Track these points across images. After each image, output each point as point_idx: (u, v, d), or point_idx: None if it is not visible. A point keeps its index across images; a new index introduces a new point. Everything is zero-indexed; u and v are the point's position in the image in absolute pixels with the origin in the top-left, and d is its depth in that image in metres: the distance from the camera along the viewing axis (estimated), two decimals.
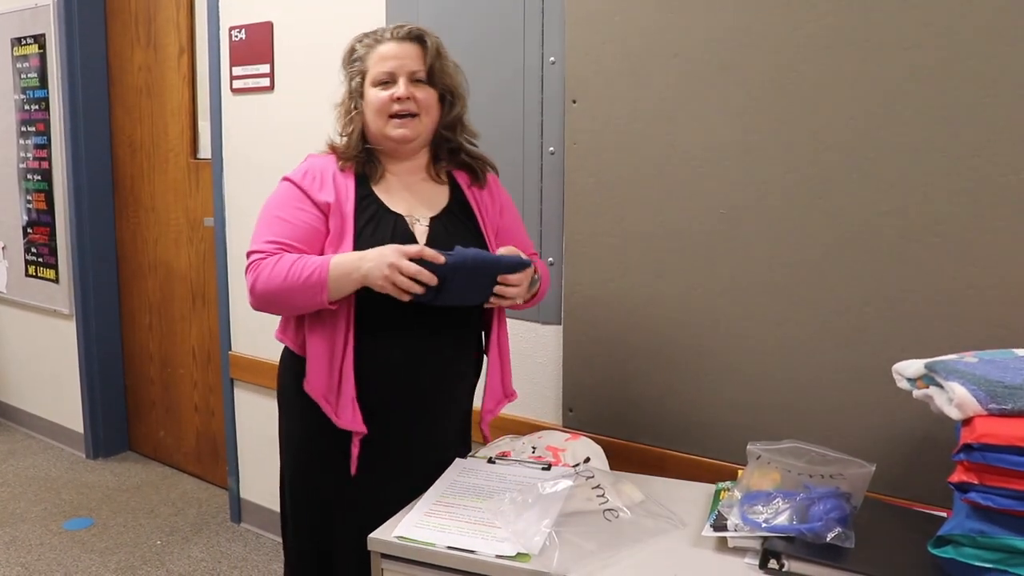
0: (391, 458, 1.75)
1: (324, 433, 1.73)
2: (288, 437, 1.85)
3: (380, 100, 1.72)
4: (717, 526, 1.43)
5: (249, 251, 1.69)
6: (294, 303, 1.65)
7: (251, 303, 1.69)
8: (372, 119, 1.74)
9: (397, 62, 1.72)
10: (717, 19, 1.89)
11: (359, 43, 1.78)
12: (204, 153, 3.49)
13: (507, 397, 1.91)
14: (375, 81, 1.73)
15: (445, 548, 1.42)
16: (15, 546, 3.13)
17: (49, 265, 4.02)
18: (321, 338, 1.69)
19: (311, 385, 1.70)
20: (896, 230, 1.73)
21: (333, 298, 1.62)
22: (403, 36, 1.74)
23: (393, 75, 1.72)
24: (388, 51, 1.73)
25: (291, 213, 1.70)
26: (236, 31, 3.00)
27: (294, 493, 1.84)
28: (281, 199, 1.73)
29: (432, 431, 1.80)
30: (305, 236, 1.68)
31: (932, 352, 1.50)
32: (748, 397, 1.94)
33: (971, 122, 1.63)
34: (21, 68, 4.01)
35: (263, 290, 1.64)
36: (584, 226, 2.14)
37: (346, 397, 1.69)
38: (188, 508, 3.50)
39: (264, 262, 1.64)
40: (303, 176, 1.74)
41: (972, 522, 1.24)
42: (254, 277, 1.65)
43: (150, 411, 3.98)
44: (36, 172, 4.02)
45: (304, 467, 1.81)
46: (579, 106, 2.12)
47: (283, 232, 1.68)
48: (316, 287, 1.60)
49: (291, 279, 1.61)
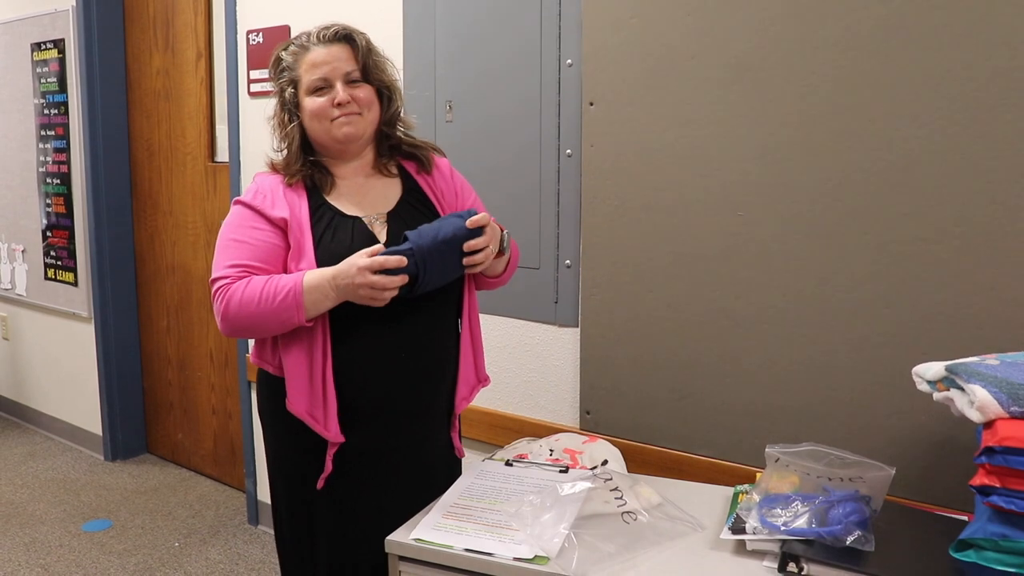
0: (377, 462, 1.73)
1: (309, 450, 1.70)
2: (273, 458, 1.82)
3: (319, 106, 1.68)
4: (736, 529, 1.42)
5: (212, 278, 1.66)
6: (269, 326, 1.62)
7: (222, 330, 1.66)
8: (313, 125, 1.71)
9: (329, 66, 1.68)
10: (734, 21, 1.89)
11: (284, 51, 1.74)
12: (222, 156, 3.51)
13: (480, 383, 1.87)
14: (310, 89, 1.69)
15: (463, 550, 1.41)
16: (35, 548, 3.16)
17: (68, 268, 4.05)
18: (298, 355, 1.66)
19: (294, 404, 1.67)
20: (916, 232, 1.71)
21: (310, 316, 1.60)
22: (331, 38, 1.70)
23: (328, 80, 1.68)
24: (318, 56, 1.69)
25: (248, 234, 1.67)
26: (253, 35, 3.01)
27: (285, 510, 1.81)
28: (236, 222, 1.70)
29: (418, 431, 1.77)
30: (266, 255, 1.66)
31: (952, 354, 1.49)
32: (766, 399, 1.93)
33: (991, 123, 1.62)
34: (41, 72, 4.04)
35: (236, 316, 1.61)
36: (601, 228, 2.14)
37: (331, 409, 1.66)
38: (206, 510, 3.51)
39: (232, 287, 1.61)
40: (254, 196, 1.71)
41: (994, 526, 1.23)
42: (224, 304, 1.62)
43: (168, 413, 4.01)
44: (55, 176, 4.06)
45: (294, 486, 1.77)
46: (596, 108, 2.12)
47: (243, 254, 1.65)
48: (291, 308, 1.58)
49: (264, 302, 1.58)
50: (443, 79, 2.44)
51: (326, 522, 1.74)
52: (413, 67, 2.50)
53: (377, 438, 1.72)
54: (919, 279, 1.72)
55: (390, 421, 1.72)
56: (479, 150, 2.35)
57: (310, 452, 1.70)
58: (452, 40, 2.42)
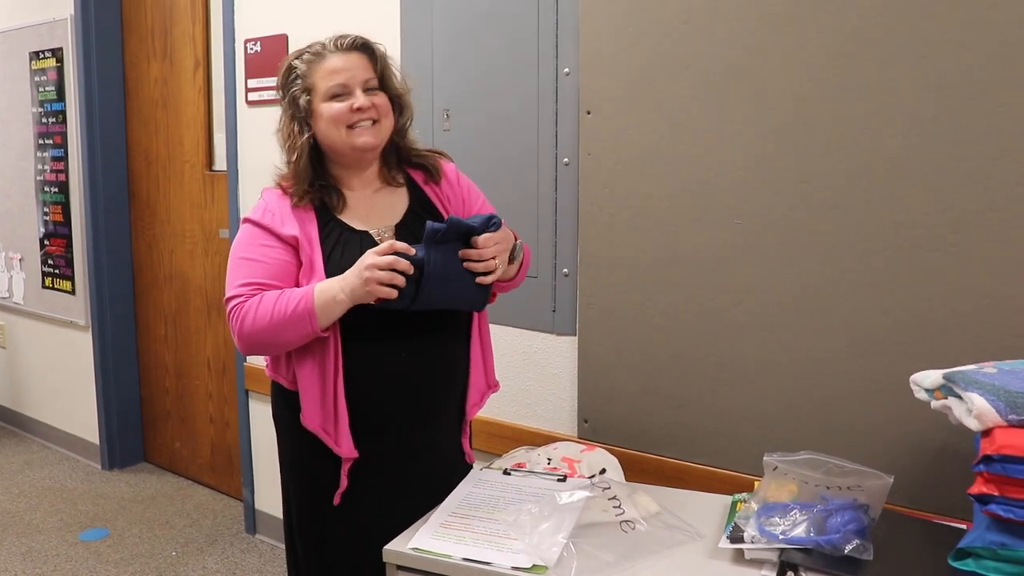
0: (393, 478, 1.73)
1: (323, 460, 1.71)
2: (289, 462, 1.83)
3: (338, 111, 1.67)
4: (734, 538, 1.42)
5: (226, 298, 1.66)
6: (285, 339, 1.62)
7: (240, 348, 1.67)
8: (331, 132, 1.69)
9: (348, 73, 1.68)
10: (730, 30, 1.89)
11: (298, 60, 1.73)
12: (219, 165, 3.51)
13: (490, 388, 1.87)
14: (327, 95, 1.68)
15: (461, 560, 1.41)
16: (31, 557, 3.15)
17: (66, 277, 4.05)
18: (311, 370, 1.67)
19: (308, 419, 1.68)
20: (913, 240, 1.72)
21: (323, 325, 1.60)
22: (348, 46, 1.70)
23: (347, 87, 1.68)
24: (337, 64, 1.69)
25: (259, 252, 1.68)
26: (251, 44, 3.02)
27: (298, 516, 1.81)
28: (246, 240, 1.71)
29: (430, 439, 1.77)
30: (278, 273, 1.66)
31: (950, 363, 1.49)
32: (764, 408, 1.93)
33: (988, 131, 1.62)
34: (39, 81, 4.05)
35: (251, 332, 1.61)
36: (599, 237, 2.14)
37: (343, 424, 1.66)
38: (203, 519, 3.50)
39: (246, 305, 1.62)
40: (263, 214, 1.71)
41: (993, 534, 1.23)
42: (239, 322, 1.62)
43: (165, 422, 4.00)
44: (53, 184, 4.06)
45: (308, 492, 1.78)
46: (593, 117, 2.12)
47: (256, 272, 1.65)
48: (305, 317, 1.58)
49: (278, 315, 1.58)
50: (440, 88, 2.45)
51: (339, 531, 1.74)
52: (410, 76, 2.50)
53: (390, 449, 1.72)
54: (916, 287, 1.72)
55: (403, 431, 1.73)
56: (476, 158, 2.35)
57: (325, 464, 1.71)
58: (449, 49, 2.42)
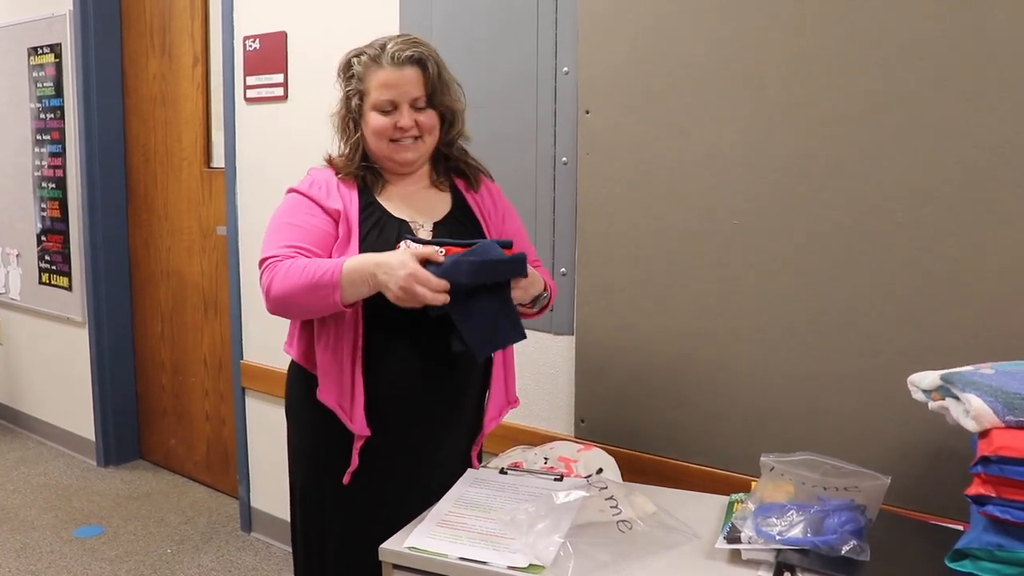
0: (399, 468, 1.75)
1: (334, 442, 1.73)
2: (298, 449, 1.85)
3: (382, 125, 1.72)
4: (731, 538, 1.42)
5: (263, 258, 1.69)
6: (308, 304, 1.63)
7: (267, 306, 1.68)
8: (374, 141, 1.75)
9: (398, 90, 1.71)
10: (729, 29, 1.89)
11: (356, 59, 1.76)
12: (218, 162, 3.50)
13: (509, 404, 1.90)
14: (376, 107, 1.72)
15: (457, 559, 1.41)
16: (26, 554, 3.14)
17: (63, 273, 4.04)
18: (330, 350, 1.69)
19: (324, 394, 1.70)
20: (912, 239, 1.72)
21: (347, 300, 1.60)
22: (403, 61, 1.71)
23: (395, 103, 1.71)
24: (390, 78, 1.71)
25: (303, 219, 1.71)
26: (250, 41, 3.01)
27: (305, 503, 1.83)
28: (291, 207, 1.74)
29: (440, 441, 1.80)
30: (319, 240, 1.69)
31: (947, 364, 1.49)
32: (761, 408, 1.93)
33: (987, 128, 1.62)
34: (37, 77, 4.04)
35: (279, 291, 1.63)
36: (597, 236, 2.14)
37: (358, 400, 1.69)
38: (198, 517, 3.50)
39: (280, 264, 1.64)
40: (310, 186, 1.75)
41: (990, 535, 1.23)
42: (269, 279, 1.64)
43: (161, 419, 3.99)
44: (51, 180, 4.05)
45: (316, 476, 1.80)
46: (592, 116, 2.12)
47: (297, 237, 1.68)
48: (328, 286, 1.58)
49: (305, 279, 1.60)
50: None
51: (340, 518, 1.77)
52: None
53: (400, 439, 1.74)
54: (914, 288, 1.72)
55: (413, 424, 1.75)
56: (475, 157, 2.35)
57: (337, 445, 1.73)
58: (449, 48, 2.40)
